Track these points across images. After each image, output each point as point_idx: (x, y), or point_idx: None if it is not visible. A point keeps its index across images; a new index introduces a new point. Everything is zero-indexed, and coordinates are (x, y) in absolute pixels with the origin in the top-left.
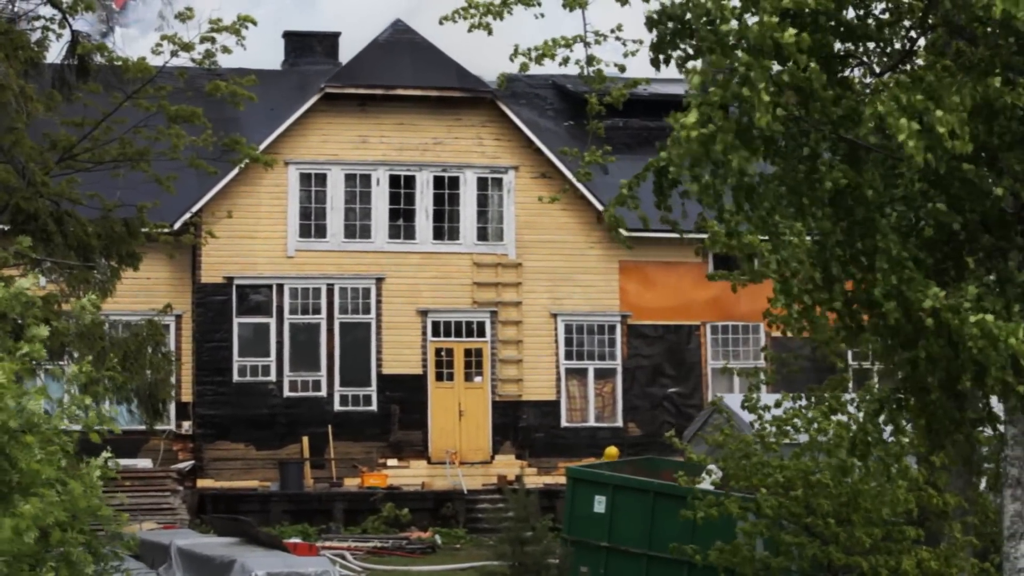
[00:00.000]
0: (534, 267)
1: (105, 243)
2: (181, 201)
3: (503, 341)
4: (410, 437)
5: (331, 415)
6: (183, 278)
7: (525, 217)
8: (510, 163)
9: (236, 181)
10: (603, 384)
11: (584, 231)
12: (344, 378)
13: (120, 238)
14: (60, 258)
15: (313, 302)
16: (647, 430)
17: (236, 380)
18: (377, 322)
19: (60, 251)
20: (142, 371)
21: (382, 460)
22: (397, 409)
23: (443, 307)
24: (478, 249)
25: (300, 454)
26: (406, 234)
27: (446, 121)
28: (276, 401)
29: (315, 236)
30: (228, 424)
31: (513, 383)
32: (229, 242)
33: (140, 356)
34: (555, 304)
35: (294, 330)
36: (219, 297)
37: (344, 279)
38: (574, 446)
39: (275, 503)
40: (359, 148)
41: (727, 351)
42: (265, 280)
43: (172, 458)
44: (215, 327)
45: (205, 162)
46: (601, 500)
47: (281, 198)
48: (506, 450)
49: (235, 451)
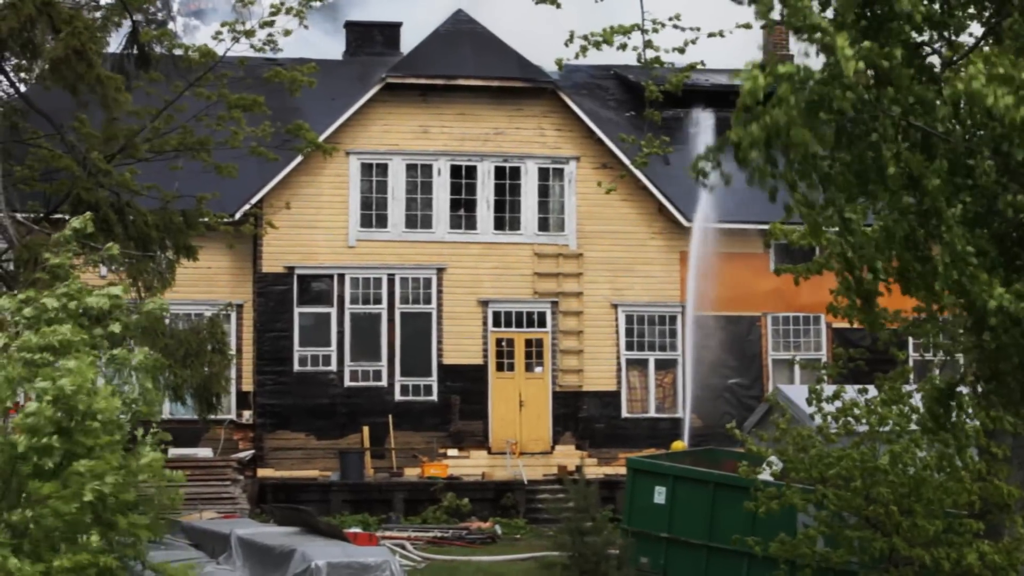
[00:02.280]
0: (595, 257)
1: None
2: (242, 191)
3: (563, 331)
4: (470, 427)
5: (391, 405)
6: (244, 268)
7: (586, 207)
8: (571, 153)
9: (297, 171)
10: (664, 375)
11: (645, 221)
12: (404, 368)
13: (178, 229)
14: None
15: (374, 292)
16: (708, 421)
17: (296, 370)
18: (438, 312)
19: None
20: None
21: (442, 450)
22: (457, 399)
23: (504, 297)
24: (539, 239)
25: (360, 444)
26: (467, 224)
27: (507, 111)
28: (336, 391)
29: (376, 226)
30: (288, 414)
31: (573, 373)
32: (290, 232)
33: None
34: (616, 294)
35: (355, 320)
36: (280, 287)
37: (405, 269)
38: (634, 437)
39: (335, 493)
40: (420, 138)
41: (788, 342)
42: (326, 270)
43: (233, 447)
44: (276, 317)
45: (267, 150)
46: (661, 491)
47: (342, 188)
48: (566, 440)
49: (295, 441)
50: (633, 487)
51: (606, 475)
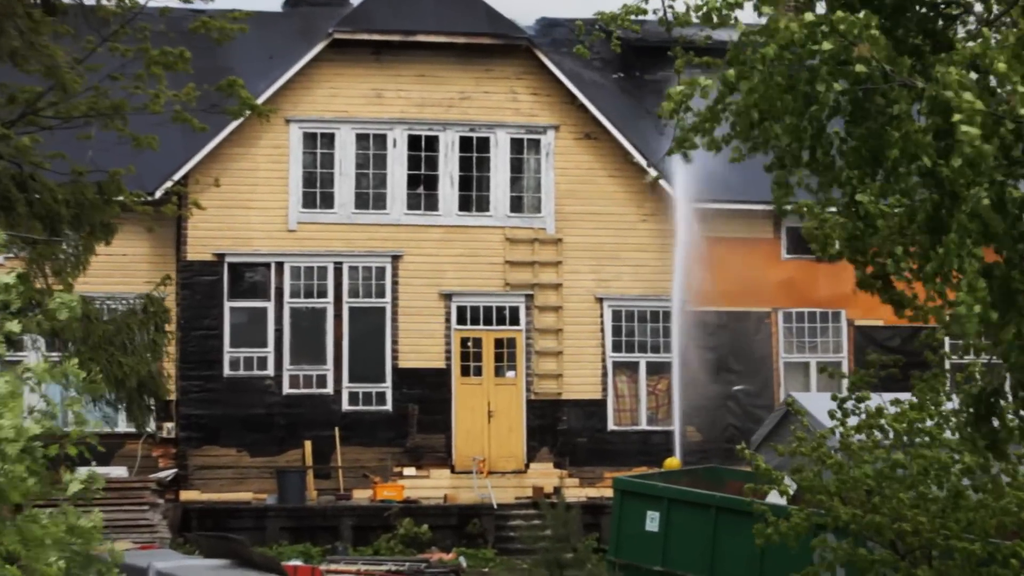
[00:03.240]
0: (576, 243)
1: (75, 212)
2: (163, 165)
3: (540, 330)
4: (431, 442)
5: (338, 416)
6: (165, 255)
7: (566, 185)
8: (549, 122)
9: (228, 142)
10: (657, 381)
11: (635, 201)
12: (354, 373)
13: (93, 206)
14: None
15: (318, 283)
16: (709, 435)
17: (227, 374)
18: (393, 307)
19: (23, 221)
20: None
21: (398, 469)
22: (416, 409)
23: (470, 290)
24: (511, 222)
25: (301, 461)
26: (427, 204)
27: (474, 72)
28: (274, 399)
29: (321, 206)
30: (217, 426)
31: (551, 379)
32: (220, 213)
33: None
34: (601, 287)
35: (296, 316)
36: (208, 277)
37: (354, 257)
38: (622, 453)
39: (272, 519)
40: (373, 104)
41: (802, 343)
42: (262, 257)
43: (151, 465)
44: (203, 312)
45: (193, 117)
46: (654, 516)
47: (281, 162)
48: (543, 457)
49: (225, 458)
50: (621, 512)
51: (589, 498)
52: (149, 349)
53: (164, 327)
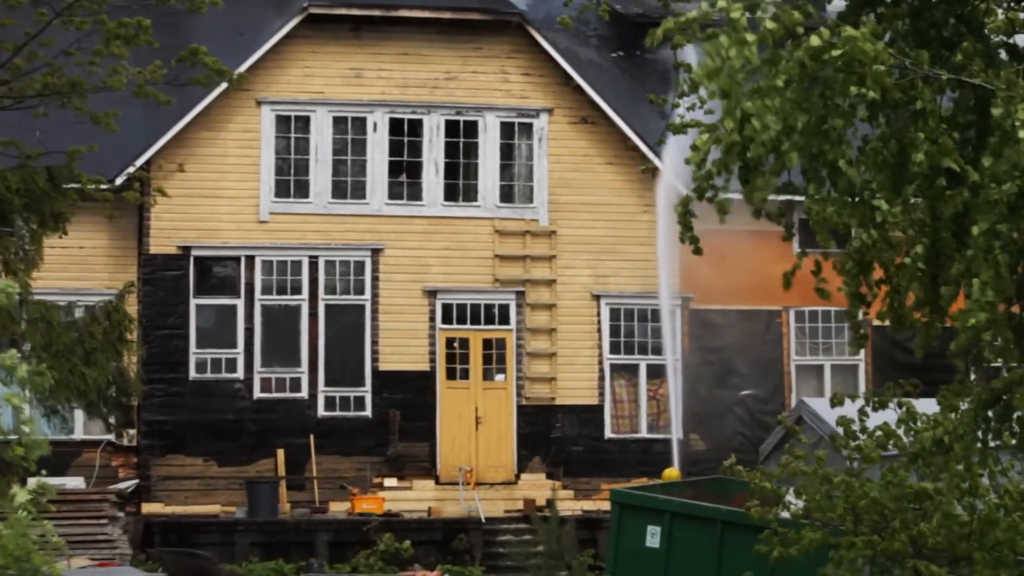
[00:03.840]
0: (572, 236)
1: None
2: (125, 150)
3: (532, 329)
4: (414, 451)
5: (313, 422)
6: (127, 248)
7: (560, 173)
8: (542, 104)
9: (195, 125)
10: (658, 385)
11: (635, 190)
12: (330, 376)
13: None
14: None
15: (292, 279)
16: (714, 443)
17: (193, 377)
18: (373, 305)
19: None
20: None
21: (378, 479)
22: (397, 415)
23: (456, 286)
24: (501, 213)
25: (274, 471)
26: (410, 194)
27: (462, 51)
28: (244, 404)
29: (295, 196)
30: (182, 433)
31: (544, 383)
32: (186, 202)
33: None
34: (598, 283)
35: (267, 315)
36: (172, 272)
37: (331, 250)
38: (621, 463)
39: (241, 533)
40: (351, 84)
41: (816, 344)
42: (231, 251)
43: (111, 476)
44: (167, 310)
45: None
46: (655, 531)
47: (252, 147)
48: (535, 468)
49: (191, 467)
50: (619, 526)
51: (585, 511)
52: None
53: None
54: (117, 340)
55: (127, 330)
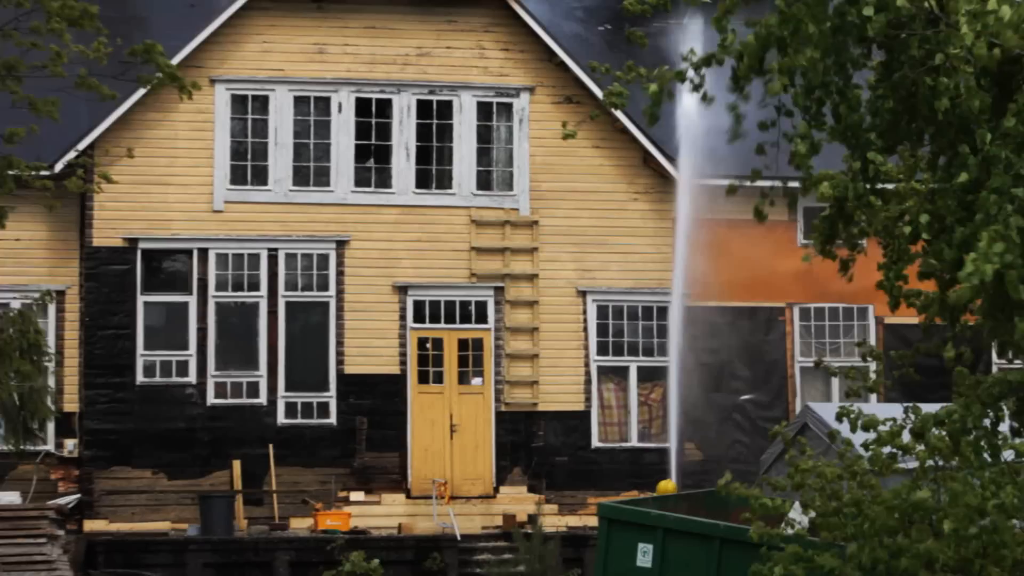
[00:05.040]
0: (555, 226)
1: None
2: (65, 133)
3: (512, 329)
4: (382, 461)
5: (273, 431)
6: (68, 240)
7: (543, 157)
8: (523, 82)
9: (143, 105)
10: (650, 389)
11: (625, 176)
12: (291, 380)
13: None
14: None
15: (249, 274)
16: (711, 453)
17: (141, 382)
18: (338, 302)
19: None
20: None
21: (344, 493)
22: (365, 423)
23: (429, 281)
24: (478, 202)
25: (229, 485)
26: (379, 181)
27: (435, 24)
28: (197, 412)
29: (253, 183)
30: (129, 443)
31: (525, 387)
32: (133, 190)
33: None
34: (584, 278)
35: (222, 313)
36: (118, 267)
37: (293, 242)
38: (609, 474)
39: (193, 553)
40: (314, 61)
41: (822, 344)
42: (182, 243)
43: (50, 490)
44: (112, 308)
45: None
46: (647, 550)
47: (206, 129)
48: (515, 480)
49: (138, 480)
50: (608, 544)
51: (570, 527)
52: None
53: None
54: (24, 352)
55: (37, 342)
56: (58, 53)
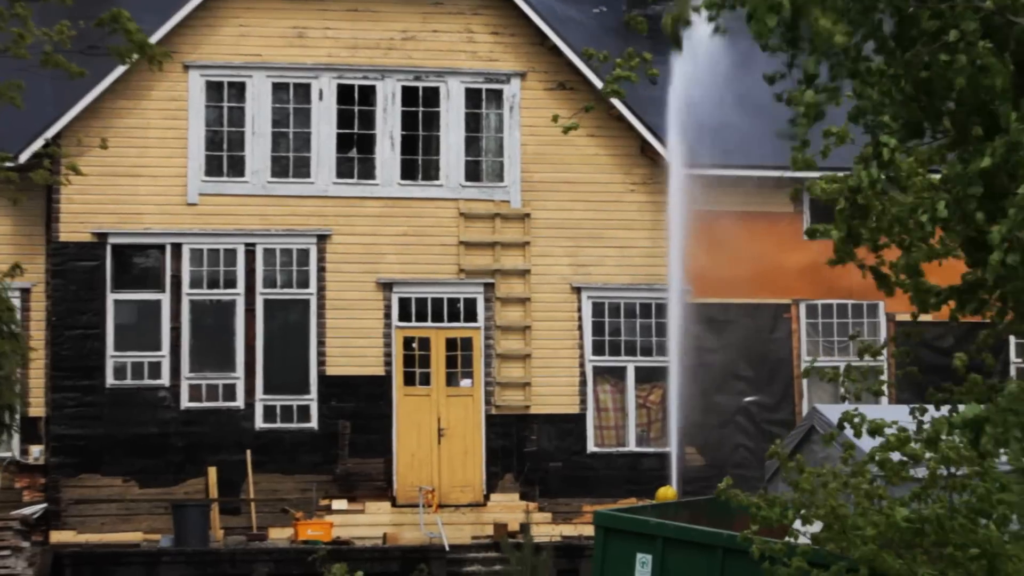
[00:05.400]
0: (548, 219)
1: None
2: (31, 122)
3: (503, 327)
4: (366, 467)
5: (251, 436)
6: (33, 235)
7: (535, 147)
8: (514, 68)
9: (112, 93)
10: (648, 390)
11: (621, 167)
12: (270, 382)
13: None
14: None
15: (225, 271)
16: (713, 457)
17: (111, 385)
18: (319, 300)
19: None
20: None
21: (326, 501)
22: (348, 427)
23: (415, 278)
24: (466, 194)
25: (204, 493)
26: (362, 172)
27: (421, 6)
28: (170, 416)
29: (229, 174)
30: (98, 449)
31: (517, 389)
32: (102, 183)
33: None
34: (579, 274)
35: (197, 312)
36: (86, 263)
37: (271, 237)
38: (606, 481)
39: (167, 565)
40: (293, 46)
41: (830, 343)
42: (155, 238)
43: (15, 499)
44: (80, 307)
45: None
46: (645, 560)
47: (179, 118)
48: (506, 487)
49: (108, 489)
50: (604, 554)
51: (564, 537)
52: None
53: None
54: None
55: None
56: (21, 35)
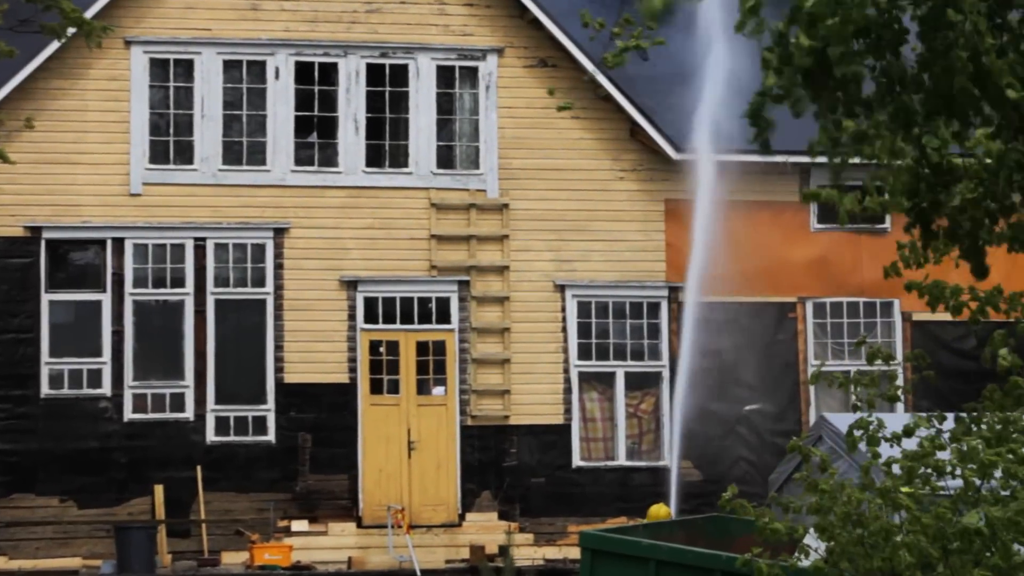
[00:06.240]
0: (528, 210)
1: None
2: None
3: (479, 329)
4: (329, 484)
5: (201, 450)
6: None
7: (514, 130)
8: (490, 43)
9: (46, 70)
10: (640, 398)
11: (609, 152)
12: (223, 391)
13: None
14: None
15: (172, 268)
16: (711, 472)
17: (46, 395)
18: (276, 300)
19: None
20: None
21: (284, 522)
22: (308, 440)
23: (382, 275)
24: (438, 182)
25: (150, 514)
26: (323, 158)
27: None
28: (112, 429)
29: (176, 161)
30: (32, 466)
31: (495, 397)
32: (34, 171)
33: None
34: (562, 270)
35: (142, 314)
36: (18, 260)
37: (223, 231)
38: (593, 498)
39: None
40: (246, 19)
41: (840, 345)
42: (94, 232)
43: None
44: (11, 309)
45: None
46: None
47: (121, 99)
48: (484, 505)
49: (43, 510)
50: None
51: (548, 560)
52: None
53: None
54: None
55: None
56: None
